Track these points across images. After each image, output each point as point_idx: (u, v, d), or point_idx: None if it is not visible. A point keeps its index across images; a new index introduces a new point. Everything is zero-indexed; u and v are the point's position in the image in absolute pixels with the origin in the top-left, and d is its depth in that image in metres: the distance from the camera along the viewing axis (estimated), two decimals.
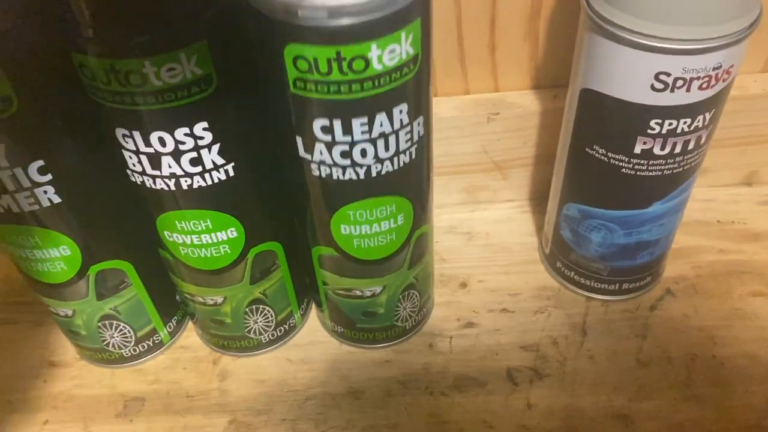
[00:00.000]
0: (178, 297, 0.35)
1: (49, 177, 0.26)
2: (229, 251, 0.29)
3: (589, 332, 0.35)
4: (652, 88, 0.27)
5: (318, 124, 0.25)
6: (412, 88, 0.25)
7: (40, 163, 0.26)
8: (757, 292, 0.36)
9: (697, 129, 0.28)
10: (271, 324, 0.34)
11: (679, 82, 0.26)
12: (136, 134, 0.25)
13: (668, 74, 0.26)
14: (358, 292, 0.32)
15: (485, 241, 0.41)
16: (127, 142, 0.25)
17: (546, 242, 0.38)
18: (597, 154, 0.30)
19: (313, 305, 0.37)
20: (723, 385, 0.33)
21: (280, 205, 0.30)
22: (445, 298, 0.38)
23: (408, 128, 0.26)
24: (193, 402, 0.34)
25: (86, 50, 0.22)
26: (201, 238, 0.29)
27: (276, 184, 0.29)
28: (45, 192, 0.26)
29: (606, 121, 0.29)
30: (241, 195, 0.28)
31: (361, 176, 0.26)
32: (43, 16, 0.23)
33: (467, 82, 0.38)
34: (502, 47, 0.36)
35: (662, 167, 0.30)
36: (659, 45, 0.25)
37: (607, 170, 0.30)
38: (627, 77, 0.27)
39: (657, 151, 0.29)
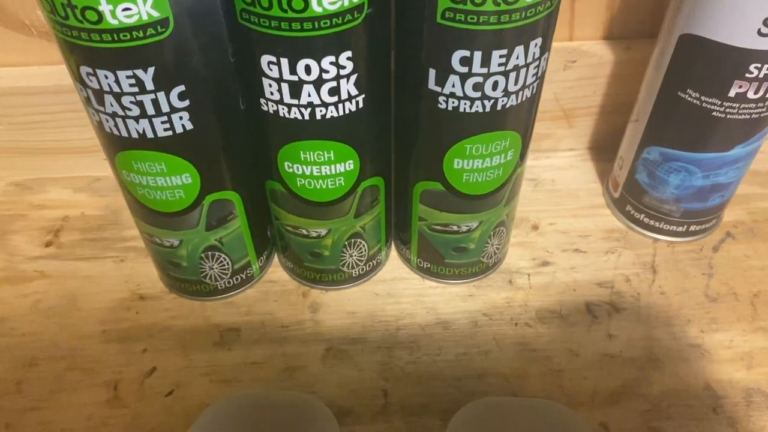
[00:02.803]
0: (269, 232, 0.36)
1: (186, 103, 0.27)
2: (343, 183, 0.31)
3: (658, 270, 0.38)
4: (759, 33, 0.28)
5: (458, 55, 0.26)
6: (548, 22, 0.26)
7: (182, 88, 0.26)
8: None
9: None
10: (363, 258, 0.35)
11: None
12: (284, 61, 0.25)
13: None
14: (455, 227, 0.34)
15: (551, 186, 0.42)
16: (271, 70, 0.26)
17: (615, 187, 0.40)
18: (689, 98, 0.32)
19: (393, 243, 0.39)
20: None
21: (390, 140, 0.32)
22: (519, 239, 0.39)
23: (536, 62, 0.27)
24: (288, 332, 0.35)
25: None
26: (321, 170, 0.30)
27: (391, 119, 0.31)
28: (180, 118, 0.27)
29: (704, 66, 0.31)
30: (364, 127, 0.29)
31: (487, 109, 0.28)
32: None
33: None
34: None
35: (751, 111, 0.31)
36: None
37: (698, 113, 0.32)
38: (734, 22, 0.29)
39: (750, 95, 0.31)
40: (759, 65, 0.29)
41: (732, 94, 0.31)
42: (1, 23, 0.37)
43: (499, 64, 0.26)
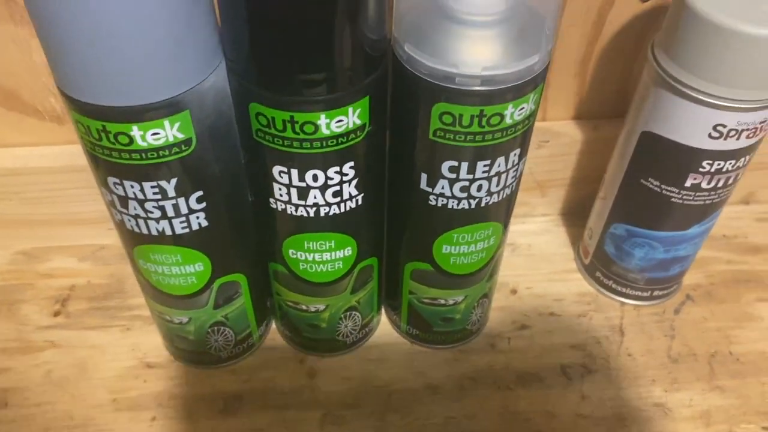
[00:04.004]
0: (268, 303, 0.39)
1: (203, 205, 0.30)
2: (341, 266, 0.34)
3: (626, 333, 0.41)
4: (710, 136, 0.32)
5: (447, 164, 0.29)
6: (525, 136, 0.29)
7: (200, 193, 0.29)
8: (761, 297, 0.43)
9: (738, 168, 0.34)
10: (357, 327, 0.38)
11: (732, 132, 0.32)
12: (294, 172, 0.28)
13: (724, 126, 0.32)
14: (442, 301, 0.37)
15: (527, 251, 0.46)
16: (281, 177, 0.29)
17: (586, 254, 0.43)
18: (650, 185, 0.36)
19: (383, 310, 0.42)
20: (740, 377, 0.39)
21: (384, 227, 0.35)
22: (500, 303, 0.43)
23: (516, 167, 0.30)
24: (287, 398, 0.38)
25: (271, 104, 0.26)
26: (322, 256, 0.33)
27: (386, 210, 0.34)
28: (197, 218, 0.30)
29: (663, 159, 0.35)
30: (361, 220, 0.32)
31: (473, 206, 0.31)
32: (229, 70, 0.26)
33: None
34: (554, 84, 0.42)
35: (705, 198, 0.35)
36: (721, 103, 0.31)
37: (658, 199, 0.36)
38: (688, 126, 0.32)
39: (704, 185, 0.35)
40: (710, 161, 0.33)
41: (688, 184, 0.35)
42: (17, 109, 0.39)
43: (483, 171, 0.29)
